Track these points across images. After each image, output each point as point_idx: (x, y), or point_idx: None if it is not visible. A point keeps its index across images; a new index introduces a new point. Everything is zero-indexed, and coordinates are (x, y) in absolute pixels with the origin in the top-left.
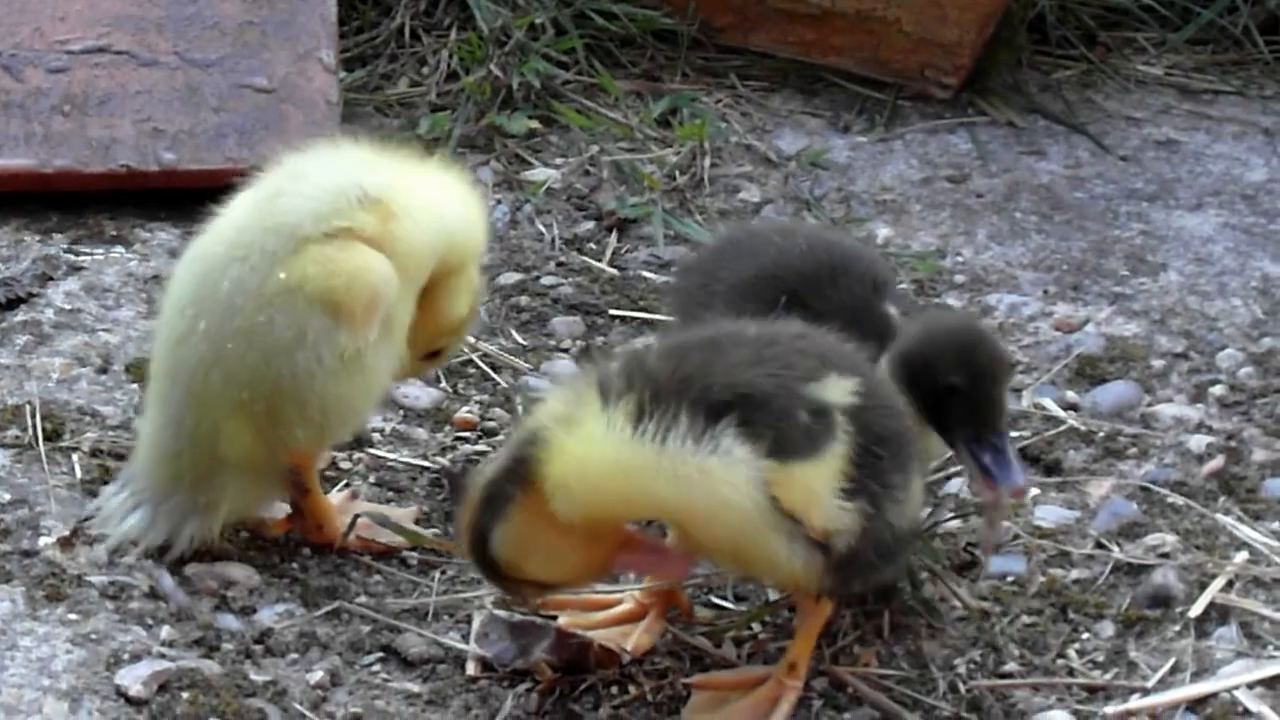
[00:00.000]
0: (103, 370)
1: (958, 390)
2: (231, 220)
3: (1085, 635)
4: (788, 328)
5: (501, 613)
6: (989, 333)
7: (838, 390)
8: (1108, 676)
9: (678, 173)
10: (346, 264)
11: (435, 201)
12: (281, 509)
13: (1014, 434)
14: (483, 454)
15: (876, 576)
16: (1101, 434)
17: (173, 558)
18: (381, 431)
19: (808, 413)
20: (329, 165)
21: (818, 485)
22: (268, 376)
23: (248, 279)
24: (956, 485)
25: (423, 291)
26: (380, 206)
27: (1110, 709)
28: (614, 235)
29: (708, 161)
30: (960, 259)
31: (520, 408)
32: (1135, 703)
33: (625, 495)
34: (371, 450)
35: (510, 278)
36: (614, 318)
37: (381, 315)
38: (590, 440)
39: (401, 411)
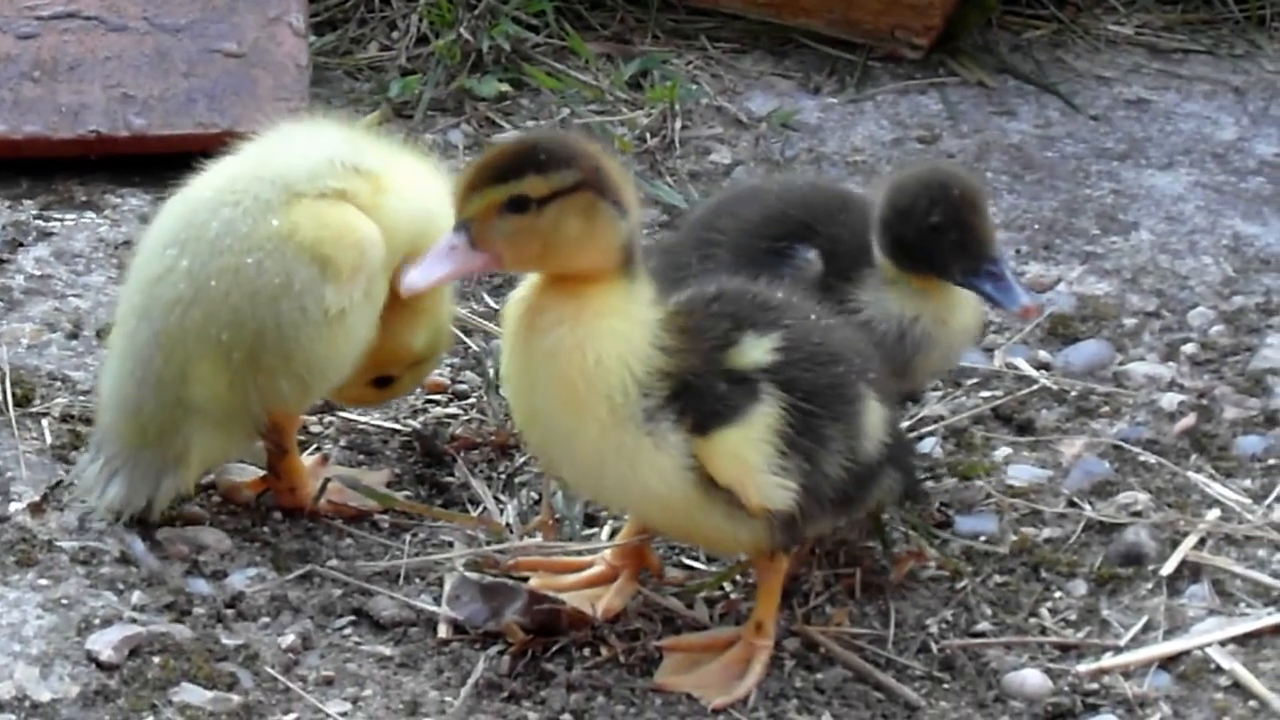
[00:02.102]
0: (73, 336)
1: (940, 228)
2: (223, 170)
3: (1057, 594)
4: (704, 291)
5: (473, 575)
6: (957, 169)
7: (757, 350)
8: (1080, 635)
9: (648, 135)
10: (337, 220)
11: (422, 188)
12: (254, 471)
13: (985, 394)
14: (453, 417)
15: (827, 523)
16: (1074, 393)
17: (155, 518)
18: None
19: (725, 381)
20: (326, 133)
21: (747, 454)
22: (251, 320)
23: (238, 221)
24: (929, 445)
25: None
26: (373, 178)
27: (1083, 667)
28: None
29: (678, 123)
30: None
31: (491, 371)
32: (1108, 661)
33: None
34: (343, 414)
35: None
36: None
37: (366, 276)
38: None
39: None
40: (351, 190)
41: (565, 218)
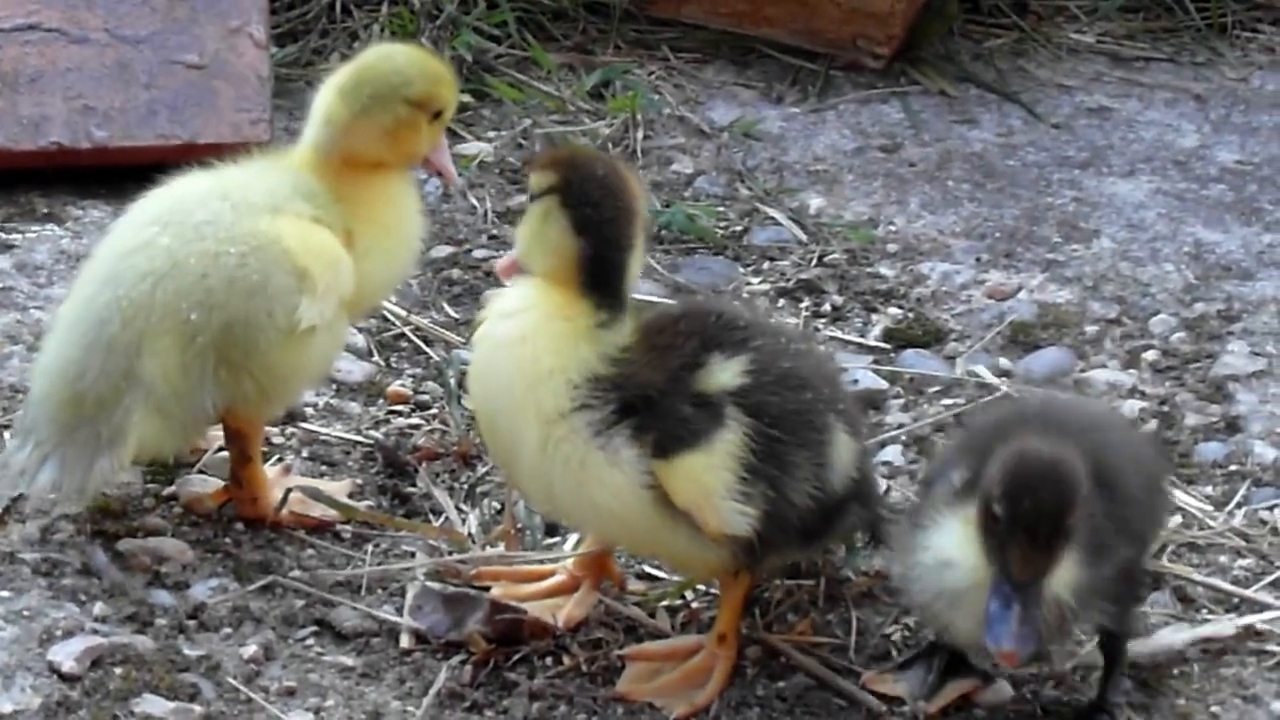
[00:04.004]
0: (34, 349)
1: (998, 519)
2: (212, 174)
3: None
4: (671, 309)
5: (435, 585)
6: (1071, 471)
7: (725, 374)
8: None
9: (611, 145)
10: (319, 239)
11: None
12: (216, 482)
13: (947, 401)
14: (416, 427)
15: (790, 553)
16: None
17: (87, 501)
18: (315, 406)
19: (690, 404)
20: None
21: (707, 479)
22: (222, 308)
23: (225, 214)
24: (891, 453)
25: None
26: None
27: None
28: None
29: (641, 133)
30: (893, 228)
31: (453, 381)
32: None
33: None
34: (304, 425)
35: (442, 251)
36: None
37: (337, 299)
38: None
39: (334, 386)
40: (335, 229)
41: (532, 217)
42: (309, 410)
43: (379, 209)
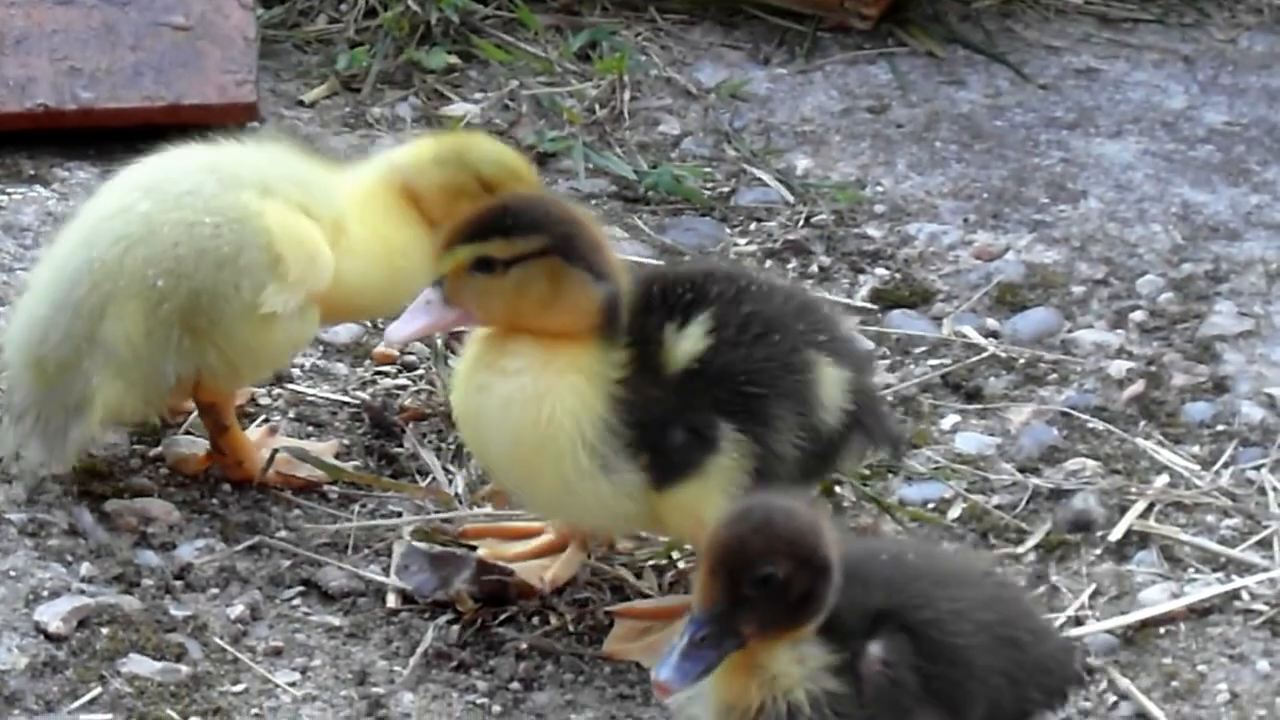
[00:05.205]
0: None
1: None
2: (206, 148)
3: (1007, 560)
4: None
5: (421, 545)
6: (763, 516)
7: (687, 343)
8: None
9: (597, 106)
10: (301, 227)
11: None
12: (204, 444)
13: (934, 362)
14: (402, 388)
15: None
16: (1022, 360)
17: (65, 469)
18: (301, 367)
19: (684, 430)
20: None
21: (700, 509)
22: (190, 277)
23: (210, 186)
24: None
25: None
26: (342, 230)
27: None
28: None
29: (627, 95)
30: (880, 189)
31: (439, 342)
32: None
33: None
34: (291, 386)
35: None
36: None
37: (307, 291)
38: None
39: (321, 346)
40: (324, 223)
41: (530, 281)
42: (295, 371)
43: (388, 226)
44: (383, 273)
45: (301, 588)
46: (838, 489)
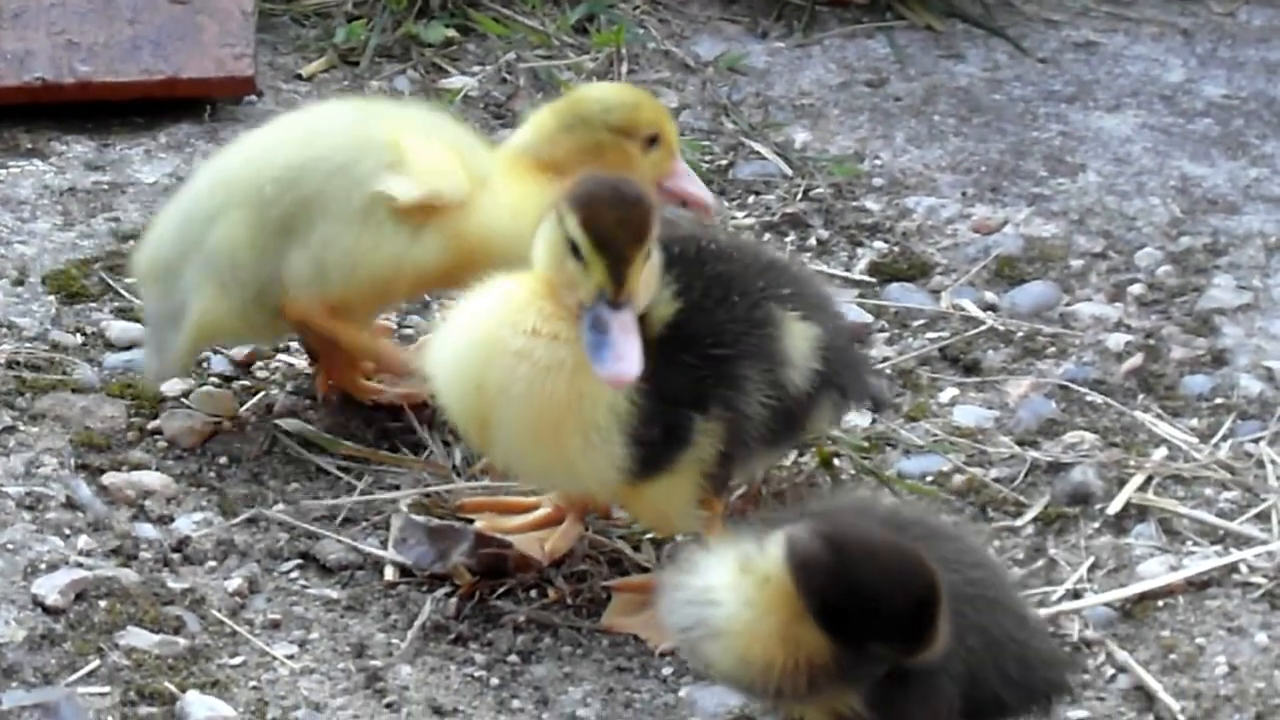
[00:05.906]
0: (19, 283)
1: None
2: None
3: (1005, 533)
4: None
5: (419, 518)
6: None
7: (658, 308)
8: (1026, 574)
9: (595, 79)
10: (434, 148)
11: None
12: (202, 417)
13: (932, 335)
14: None
15: (758, 461)
16: (1020, 334)
17: (174, 377)
18: (299, 339)
19: (663, 423)
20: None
21: (668, 505)
22: (299, 183)
23: (349, 119)
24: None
25: None
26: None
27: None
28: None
29: (625, 68)
30: (879, 162)
31: (437, 314)
32: (1055, 598)
33: None
34: (288, 359)
35: None
36: None
37: (429, 193)
38: None
39: None
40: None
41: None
42: (293, 344)
43: (534, 185)
44: (525, 226)
45: (299, 560)
46: (836, 461)
